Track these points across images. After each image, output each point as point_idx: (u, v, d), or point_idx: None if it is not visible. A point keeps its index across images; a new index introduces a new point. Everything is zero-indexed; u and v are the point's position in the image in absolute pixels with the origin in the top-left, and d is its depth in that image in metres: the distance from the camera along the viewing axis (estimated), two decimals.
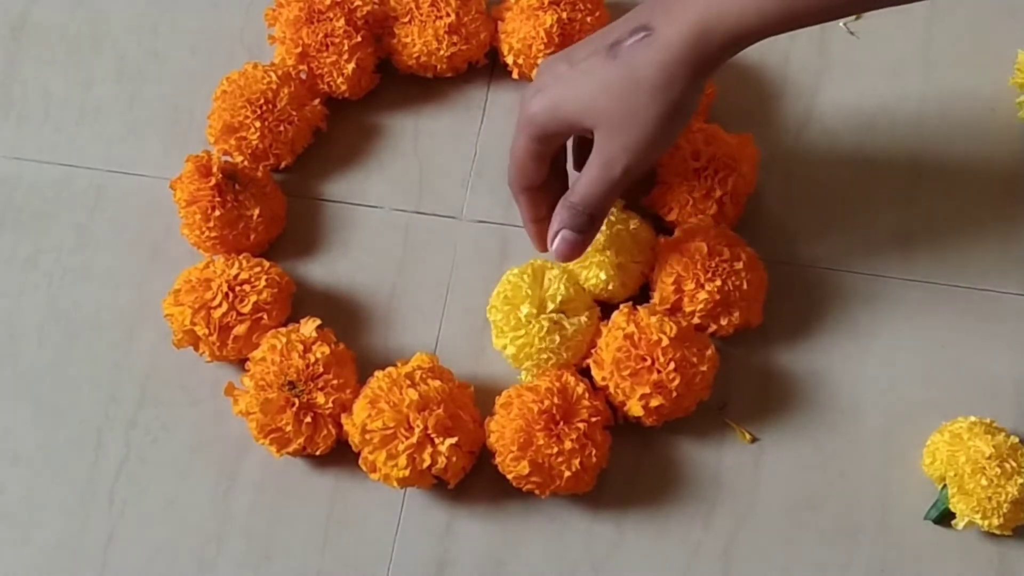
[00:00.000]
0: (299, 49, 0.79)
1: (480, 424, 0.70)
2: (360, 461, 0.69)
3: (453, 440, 0.68)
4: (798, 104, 0.82)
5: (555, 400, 0.68)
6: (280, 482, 0.73)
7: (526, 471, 0.68)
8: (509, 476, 0.69)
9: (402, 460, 0.67)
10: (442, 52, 0.79)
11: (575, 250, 0.67)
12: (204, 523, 0.72)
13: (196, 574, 0.71)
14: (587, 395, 0.69)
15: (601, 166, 0.63)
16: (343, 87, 0.79)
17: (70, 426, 0.75)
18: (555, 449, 0.67)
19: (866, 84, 0.82)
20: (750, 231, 0.76)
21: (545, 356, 0.71)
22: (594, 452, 0.68)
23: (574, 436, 0.67)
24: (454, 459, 0.68)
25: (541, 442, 0.67)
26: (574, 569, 0.70)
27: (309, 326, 0.72)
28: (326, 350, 0.71)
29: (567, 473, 0.67)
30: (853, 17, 0.84)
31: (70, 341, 0.77)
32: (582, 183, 0.64)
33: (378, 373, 0.71)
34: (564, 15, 0.78)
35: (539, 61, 0.78)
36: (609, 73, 0.62)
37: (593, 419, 0.69)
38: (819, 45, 0.83)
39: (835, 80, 0.82)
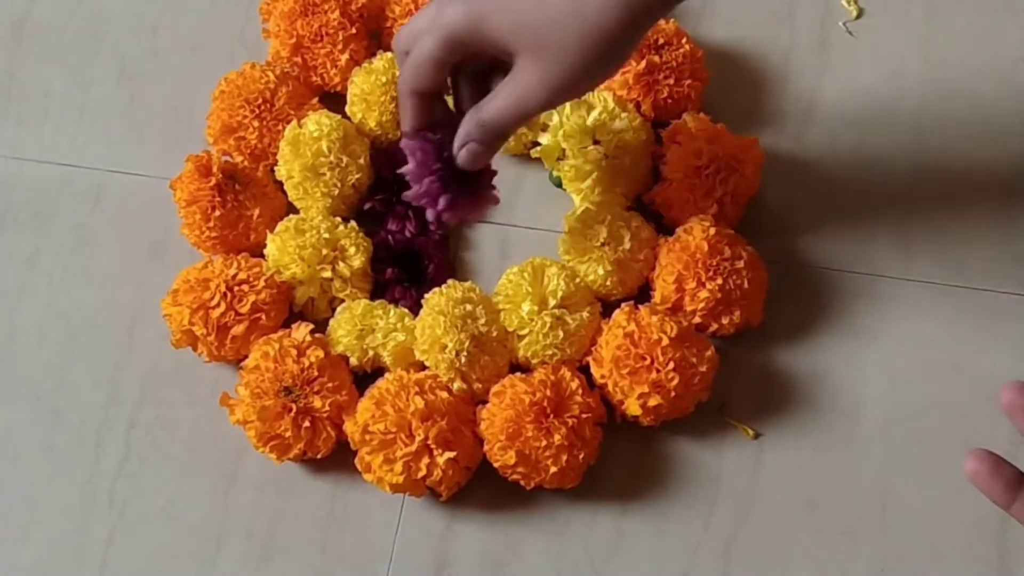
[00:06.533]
0: (293, 40, 0.79)
1: (482, 442, 0.70)
2: (356, 460, 0.69)
3: (452, 454, 0.67)
4: (798, 104, 0.82)
5: (547, 393, 0.68)
6: (280, 482, 0.73)
7: (512, 461, 0.68)
8: (495, 465, 0.69)
9: (398, 467, 0.67)
10: None
11: (479, 161, 0.63)
12: (204, 523, 0.72)
13: (196, 574, 0.71)
14: (580, 391, 0.69)
15: (517, 97, 0.58)
16: (336, 79, 0.79)
17: (70, 426, 0.75)
18: (543, 442, 0.67)
19: (866, 84, 0.82)
20: (751, 230, 0.76)
21: (550, 352, 0.71)
22: (582, 449, 0.68)
23: (563, 431, 0.67)
24: (450, 473, 0.68)
25: (530, 434, 0.67)
26: (574, 569, 0.70)
27: (302, 331, 0.72)
28: (320, 354, 0.70)
29: (553, 468, 0.68)
30: (853, 16, 0.84)
31: (70, 341, 0.77)
32: (494, 107, 0.59)
33: (388, 375, 0.71)
34: None
35: None
36: None
37: (584, 415, 0.69)
38: (819, 45, 0.83)
39: (835, 80, 0.82)
